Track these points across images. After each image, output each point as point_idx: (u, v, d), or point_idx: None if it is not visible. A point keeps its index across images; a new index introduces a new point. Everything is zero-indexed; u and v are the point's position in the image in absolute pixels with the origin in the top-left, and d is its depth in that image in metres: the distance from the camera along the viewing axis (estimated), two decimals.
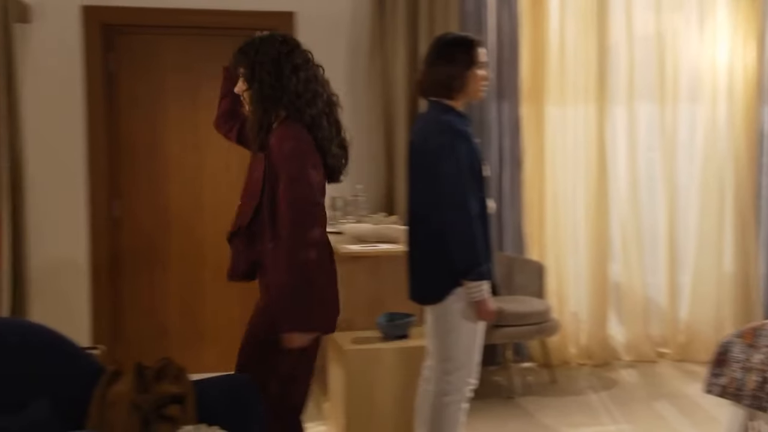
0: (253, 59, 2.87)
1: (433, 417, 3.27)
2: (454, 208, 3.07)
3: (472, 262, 3.07)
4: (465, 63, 3.19)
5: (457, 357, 3.21)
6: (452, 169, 3.08)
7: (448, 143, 3.11)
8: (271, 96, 2.83)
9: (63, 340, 2.82)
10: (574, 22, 5.52)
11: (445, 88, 3.20)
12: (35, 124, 4.83)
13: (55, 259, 4.99)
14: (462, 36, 3.32)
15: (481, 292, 3.11)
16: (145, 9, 5.06)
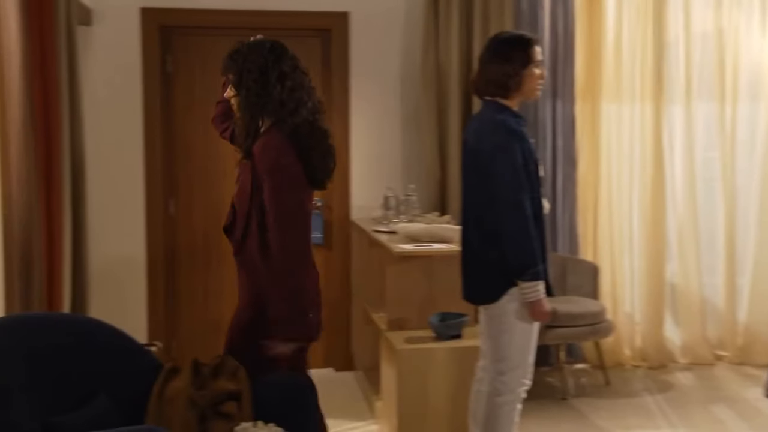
0: (240, 66, 2.92)
1: (486, 417, 3.27)
2: (508, 208, 3.06)
3: (526, 263, 3.06)
4: (521, 62, 3.17)
5: (512, 357, 3.20)
6: (507, 169, 3.06)
7: (503, 143, 3.09)
8: (256, 103, 2.89)
9: (123, 337, 2.88)
10: (631, 18, 5.43)
11: (501, 87, 3.18)
12: (95, 124, 4.94)
13: (114, 257, 5.10)
14: (518, 34, 3.30)
15: (535, 293, 3.09)
16: (201, 10, 5.13)
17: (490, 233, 3.14)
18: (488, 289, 3.20)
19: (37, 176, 3.55)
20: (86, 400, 2.64)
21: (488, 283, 3.19)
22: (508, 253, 3.08)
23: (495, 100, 3.22)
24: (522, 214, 3.05)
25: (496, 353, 3.24)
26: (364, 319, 4.92)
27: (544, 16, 5.31)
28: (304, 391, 2.80)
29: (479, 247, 3.22)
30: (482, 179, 3.16)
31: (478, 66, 3.31)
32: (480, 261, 3.22)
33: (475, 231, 3.23)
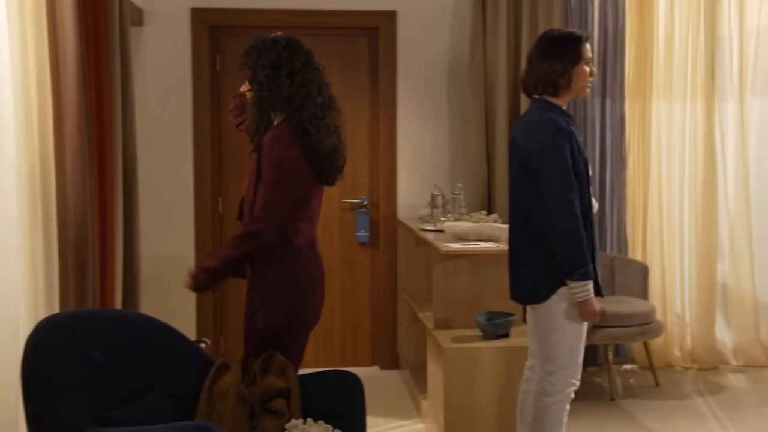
0: (255, 62, 2.97)
1: (535, 417, 3.26)
2: (558, 207, 3.04)
3: (576, 262, 3.04)
4: (571, 59, 3.15)
5: (560, 357, 3.18)
6: (556, 168, 3.05)
7: (552, 142, 3.07)
8: (267, 98, 2.94)
9: (174, 333, 2.93)
10: (682, 14, 5.35)
11: (551, 86, 3.17)
12: (146, 123, 5.02)
13: (164, 255, 5.18)
14: (568, 32, 3.27)
15: (585, 293, 3.07)
16: (250, 10, 5.18)
17: (539, 232, 3.12)
18: (537, 289, 3.18)
19: (91, 175, 3.62)
20: (139, 395, 2.69)
21: (537, 282, 3.18)
22: (558, 253, 3.06)
23: (544, 98, 3.21)
24: (571, 213, 3.03)
25: (545, 353, 3.22)
26: (411, 317, 4.92)
27: (593, 13, 5.26)
28: (353, 389, 2.81)
29: (527, 247, 3.20)
30: (530, 178, 3.14)
31: (526, 64, 3.30)
32: (528, 260, 3.20)
33: (524, 230, 3.21)
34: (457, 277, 4.04)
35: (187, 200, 5.21)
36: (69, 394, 2.43)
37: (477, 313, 3.96)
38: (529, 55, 3.29)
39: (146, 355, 2.80)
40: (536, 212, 3.12)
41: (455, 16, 5.32)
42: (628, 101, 5.35)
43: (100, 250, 3.83)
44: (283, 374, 2.84)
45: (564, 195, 3.03)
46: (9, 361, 2.88)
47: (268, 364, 2.88)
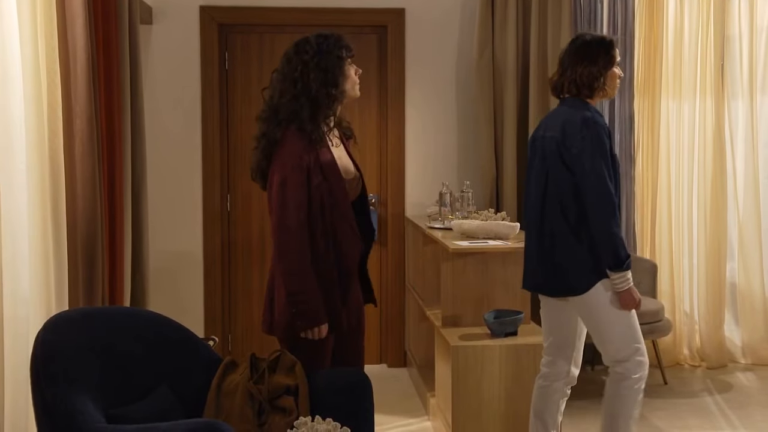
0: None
1: (615, 404, 3.33)
2: (600, 201, 3.16)
3: (618, 254, 3.15)
4: (605, 63, 3.30)
5: (622, 343, 3.27)
6: (599, 163, 3.17)
7: (595, 138, 3.19)
8: None
9: (183, 331, 2.94)
10: (692, 12, 5.33)
11: (587, 88, 3.30)
12: (155, 121, 5.03)
13: (172, 253, 5.20)
14: (601, 36, 3.42)
15: (626, 282, 3.19)
16: (259, 8, 5.19)
17: (578, 226, 3.22)
18: (578, 282, 3.25)
19: (100, 173, 3.63)
20: (148, 392, 2.71)
21: (578, 275, 3.25)
22: (601, 245, 3.17)
23: (577, 97, 3.33)
24: (612, 206, 3.17)
25: (608, 344, 3.30)
26: (419, 315, 4.93)
27: (602, 12, 5.24)
28: (361, 387, 2.82)
29: (566, 241, 3.26)
30: (567, 173, 3.23)
31: (558, 67, 3.41)
32: (568, 253, 3.27)
33: (562, 224, 3.27)
34: (466, 275, 4.04)
35: (196, 198, 5.23)
36: (78, 392, 2.44)
37: (485, 311, 3.96)
38: (561, 59, 3.40)
39: (155, 352, 2.81)
40: (575, 206, 3.23)
41: (464, 14, 5.32)
42: (637, 100, 5.34)
43: (110, 248, 3.84)
44: (291, 372, 2.85)
45: (606, 189, 3.16)
46: (20, 360, 2.89)
47: (277, 362, 2.89)
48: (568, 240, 3.25)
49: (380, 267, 5.39)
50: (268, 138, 3.00)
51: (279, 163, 2.94)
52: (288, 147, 2.93)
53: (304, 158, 2.92)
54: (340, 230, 2.98)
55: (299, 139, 2.93)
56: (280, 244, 2.93)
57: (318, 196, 2.94)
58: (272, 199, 2.95)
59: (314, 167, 2.93)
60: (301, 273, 2.89)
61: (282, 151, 2.95)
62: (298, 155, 2.91)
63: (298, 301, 2.90)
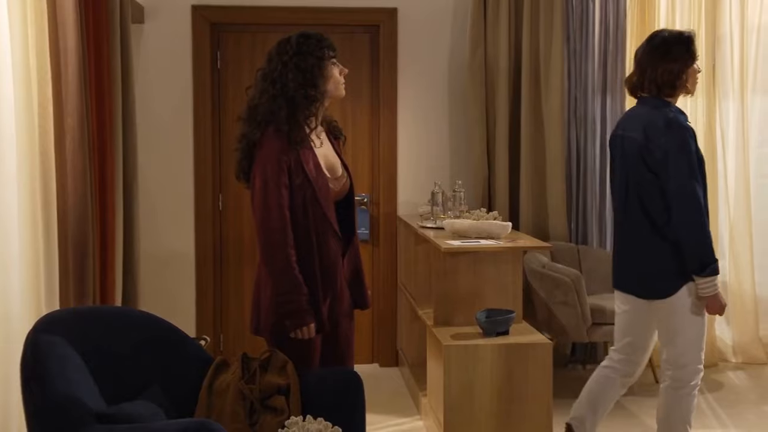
0: None
1: (671, 410, 3.35)
2: (688, 206, 3.14)
3: (706, 259, 3.14)
4: (686, 59, 3.26)
5: (690, 350, 3.28)
6: (686, 166, 3.14)
7: (681, 140, 3.16)
8: None
9: (174, 331, 2.93)
10: (684, 12, 5.35)
11: (669, 87, 3.26)
12: (147, 120, 5.02)
13: (164, 251, 5.18)
14: (679, 32, 3.35)
15: (713, 287, 3.17)
16: (251, 7, 5.18)
17: (663, 229, 3.21)
18: (662, 285, 3.26)
19: (91, 172, 3.62)
20: (139, 392, 2.70)
21: (662, 279, 3.26)
22: (687, 249, 3.16)
23: (658, 96, 3.28)
24: (700, 210, 3.14)
25: (674, 347, 3.30)
26: (411, 315, 4.93)
27: (594, 11, 5.26)
28: (353, 386, 2.82)
29: (649, 243, 3.26)
30: (651, 175, 3.21)
31: (635, 65, 3.37)
32: (652, 257, 3.27)
33: (644, 227, 3.27)
34: (457, 275, 4.04)
35: (188, 197, 5.22)
36: (69, 391, 2.43)
37: (477, 310, 3.96)
38: (639, 57, 3.36)
39: (146, 351, 2.80)
40: (659, 208, 3.21)
41: (456, 14, 5.32)
42: (628, 99, 5.33)
43: (100, 247, 3.83)
44: (283, 371, 2.85)
45: (694, 193, 3.13)
46: (11, 359, 2.88)
47: (268, 362, 2.89)
48: (652, 242, 3.25)
49: (372, 266, 5.39)
50: (247, 139, 3.01)
51: (259, 165, 2.94)
52: (267, 148, 2.94)
53: (284, 159, 2.92)
54: (321, 230, 2.98)
55: (278, 139, 2.93)
56: (264, 245, 2.93)
57: (300, 196, 2.94)
58: (254, 200, 2.96)
59: (295, 167, 2.93)
60: (287, 273, 2.89)
61: (262, 153, 2.95)
62: (277, 156, 2.91)
63: (285, 302, 2.90)
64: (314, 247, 2.98)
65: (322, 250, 2.99)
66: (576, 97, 5.28)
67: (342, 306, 3.11)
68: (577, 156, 5.30)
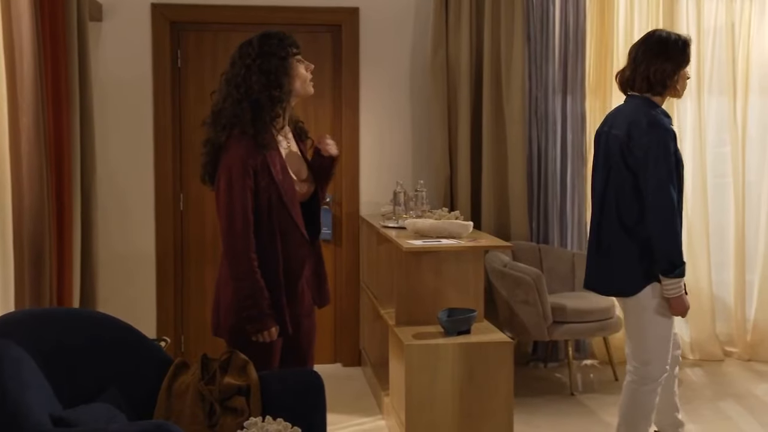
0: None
1: (631, 405, 3.39)
2: (661, 206, 3.17)
3: (674, 261, 3.18)
4: (680, 61, 3.29)
5: (655, 348, 3.32)
6: (663, 168, 3.16)
7: (662, 142, 3.18)
8: None
9: (133, 332, 2.90)
10: (642, 13, 5.41)
11: (659, 85, 3.29)
12: (106, 119, 4.96)
13: (124, 252, 5.13)
14: (677, 34, 3.38)
15: (678, 289, 3.21)
16: (211, 6, 5.14)
17: (634, 228, 3.25)
18: (628, 284, 3.30)
19: (47, 171, 3.57)
20: (96, 395, 2.66)
21: (628, 277, 3.29)
22: (657, 251, 3.19)
23: (644, 96, 3.31)
24: (673, 212, 3.16)
25: (640, 345, 3.34)
26: (373, 315, 4.93)
27: (554, 11, 5.30)
28: (314, 386, 2.81)
29: (619, 241, 3.30)
30: (628, 173, 3.25)
31: (629, 62, 3.39)
32: (620, 255, 3.31)
33: (615, 224, 3.30)
34: (419, 274, 4.05)
35: (148, 197, 5.17)
36: (23, 394, 2.39)
37: (439, 309, 3.98)
38: (633, 53, 3.37)
39: (103, 354, 2.77)
40: (631, 208, 3.25)
41: (418, 14, 5.33)
42: (588, 99, 5.41)
43: (57, 247, 3.78)
44: (243, 372, 2.83)
45: (668, 195, 3.16)
46: None
47: (229, 363, 2.87)
48: (622, 241, 3.29)
49: (335, 266, 5.38)
50: (212, 143, 2.99)
51: (224, 168, 2.93)
52: (232, 151, 2.92)
53: (249, 162, 2.90)
54: (287, 232, 2.97)
55: (244, 142, 2.91)
56: (227, 249, 2.91)
57: (265, 199, 2.93)
58: (219, 204, 2.94)
59: (261, 170, 2.92)
60: (250, 277, 2.88)
61: (227, 156, 2.93)
62: (243, 159, 2.90)
63: (247, 306, 2.88)
64: (279, 250, 2.96)
65: (288, 252, 2.98)
66: (537, 98, 5.32)
67: (303, 306, 3.10)
68: (538, 156, 5.34)
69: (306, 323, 3.13)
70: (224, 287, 3.00)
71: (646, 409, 3.40)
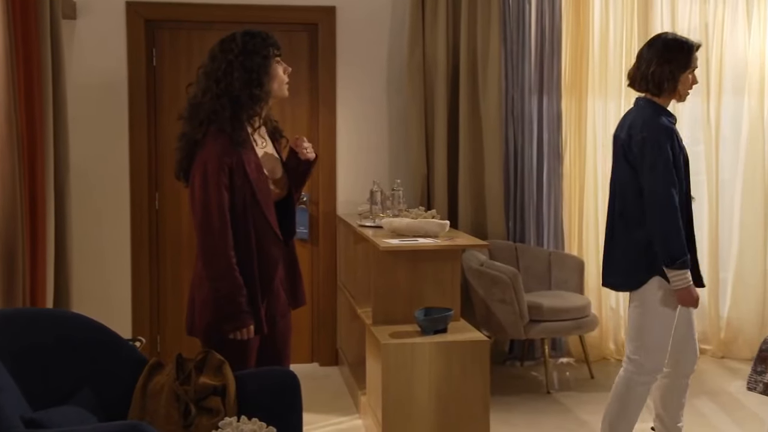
0: None
1: (623, 394, 3.46)
2: (658, 202, 3.26)
3: (674, 253, 3.24)
4: (679, 65, 3.35)
5: (654, 341, 3.38)
6: (657, 164, 3.25)
7: (654, 140, 3.28)
8: None
9: (107, 332, 2.88)
10: (617, 14, 5.46)
11: (656, 87, 3.37)
12: (80, 118, 4.92)
13: (99, 252, 5.08)
14: (682, 38, 3.45)
15: (684, 281, 3.27)
16: (187, 4, 5.12)
17: (635, 224, 3.35)
18: (631, 278, 3.39)
19: (20, 169, 3.53)
20: (70, 396, 2.64)
21: (631, 271, 3.38)
22: (657, 245, 3.27)
23: (646, 97, 3.41)
24: (670, 207, 3.24)
25: (639, 337, 3.41)
26: (350, 314, 4.93)
27: (530, 12, 5.33)
28: (289, 386, 2.80)
29: (623, 237, 3.40)
30: (631, 172, 3.36)
31: (636, 60, 3.48)
32: (624, 250, 3.41)
33: (620, 221, 3.42)
34: (396, 273, 4.05)
35: (123, 196, 5.13)
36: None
37: (416, 308, 3.98)
38: (639, 52, 3.48)
39: (76, 354, 2.74)
40: (634, 205, 3.35)
41: (394, 13, 5.33)
42: (564, 98, 5.44)
43: (30, 247, 3.73)
44: (219, 372, 2.81)
45: (664, 190, 3.25)
46: None
47: (204, 363, 2.85)
48: (626, 237, 3.39)
49: (311, 266, 5.37)
50: (188, 138, 2.96)
51: (200, 164, 2.90)
52: (209, 148, 2.90)
53: (225, 159, 2.88)
54: (260, 231, 2.96)
55: (220, 139, 2.90)
56: (203, 247, 2.89)
57: (240, 198, 2.91)
58: (194, 200, 2.92)
59: (236, 168, 2.90)
60: (228, 275, 2.86)
61: (203, 152, 2.91)
62: (219, 156, 2.88)
63: (226, 303, 2.87)
64: (254, 249, 2.95)
65: (262, 251, 2.97)
66: (513, 97, 5.34)
67: (278, 306, 3.09)
68: (515, 155, 5.36)
69: (281, 324, 3.12)
70: (199, 286, 2.98)
71: (634, 404, 3.45)
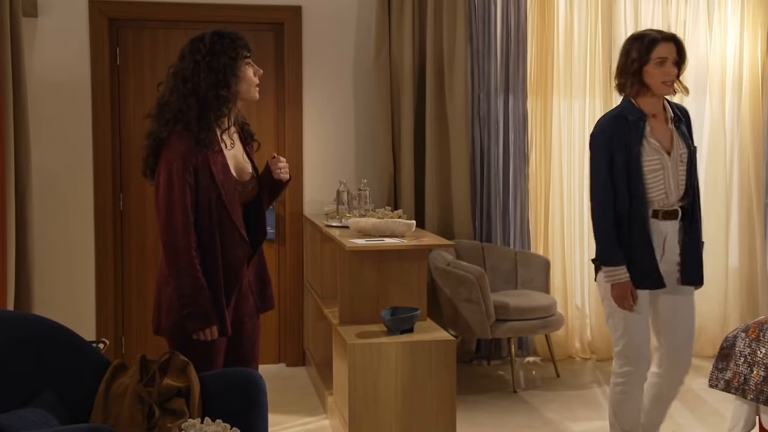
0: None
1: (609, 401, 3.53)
2: (592, 203, 3.35)
3: (599, 247, 3.35)
4: (636, 58, 3.28)
5: (617, 339, 3.42)
6: (592, 160, 3.34)
7: (596, 134, 3.33)
8: None
9: (69, 334, 2.84)
10: (581, 14, 5.49)
11: (616, 80, 3.38)
12: (41, 118, 4.85)
13: (63, 253, 5.02)
14: (643, 32, 3.41)
15: (614, 277, 3.31)
16: (151, 3, 5.07)
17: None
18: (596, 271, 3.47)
19: None
20: (29, 399, 2.60)
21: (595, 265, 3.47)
22: (595, 240, 3.38)
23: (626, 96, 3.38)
24: (598, 202, 3.31)
25: (612, 334, 3.47)
26: (317, 314, 4.91)
27: (496, 12, 5.35)
28: (254, 386, 2.79)
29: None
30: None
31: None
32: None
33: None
34: (362, 273, 4.05)
35: (87, 197, 5.07)
36: None
37: (382, 308, 3.98)
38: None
39: (38, 356, 2.70)
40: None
41: (361, 13, 5.33)
42: (530, 99, 5.47)
43: None
44: (183, 374, 2.79)
45: (593, 186, 3.34)
46: None
47: (168, 364, 2.83)
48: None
49: (278, 266, 5.35)
50: (155, 136, 2.94)
51: (165, 164, 2.88)
52: (174, 147, 2.87)
53: (191, 159, 2.86)
54: (226, 232, 2.94)
55: (186, 139, 2.87)
56: (167, 246, 2.87)
57: (205, 198, 2.89)
58: (159, 200, 2.89)
59: (202, 168, 2.88)
60: (190, 275, 2.84)
61: (168, 151, 2.88)
62: (184, 156, 2.85)
63: (188, 303, 2.85)
64: (218, 250, 2.93)
65: (227, 252, 2.95)
66: (479, 97, 5.37)
67: (246, 307, 3.07)
68: (481, 155, 5.38)
69: (249, 325, 3.10)
70: (164, 285, 2.95)
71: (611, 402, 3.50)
